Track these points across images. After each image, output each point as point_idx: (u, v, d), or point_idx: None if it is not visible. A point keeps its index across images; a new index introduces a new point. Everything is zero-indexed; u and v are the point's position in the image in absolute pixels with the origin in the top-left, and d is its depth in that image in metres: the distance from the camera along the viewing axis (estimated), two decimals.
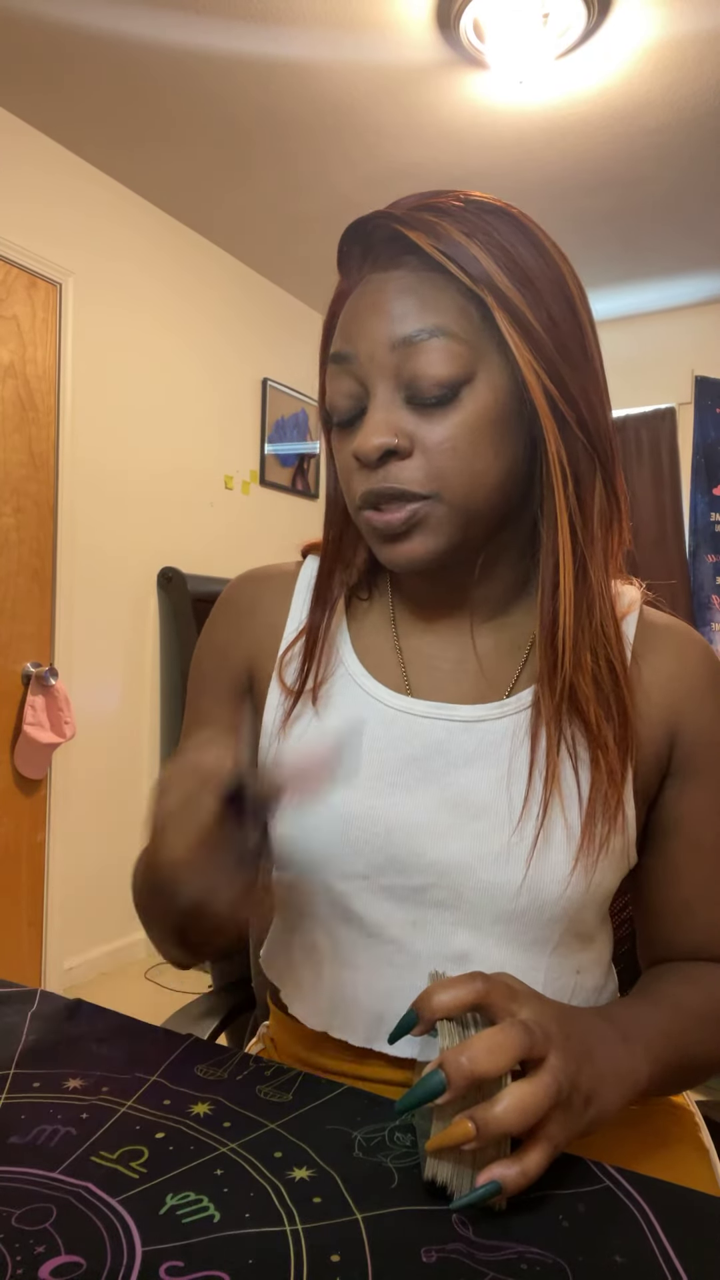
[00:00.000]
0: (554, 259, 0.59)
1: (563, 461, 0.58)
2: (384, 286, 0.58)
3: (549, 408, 0.57)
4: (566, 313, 0.58)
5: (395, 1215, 0.44)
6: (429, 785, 0.62)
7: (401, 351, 0.56)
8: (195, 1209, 0.44)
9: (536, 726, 0.61)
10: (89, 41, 2.10)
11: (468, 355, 0.56)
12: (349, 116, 2.39)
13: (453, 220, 0.57)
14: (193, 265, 3.07)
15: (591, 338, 0.61)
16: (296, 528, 3.54)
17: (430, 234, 0.56)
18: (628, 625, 0.65)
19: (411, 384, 0.56)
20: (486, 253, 0.56)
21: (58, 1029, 0.63)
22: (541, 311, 0.57)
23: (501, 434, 0.58)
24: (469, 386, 0.56)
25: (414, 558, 0.60)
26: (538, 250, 0.58)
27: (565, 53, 2.10)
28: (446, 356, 0.56)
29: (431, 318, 0.56)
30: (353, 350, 0.59)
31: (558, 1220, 0.44)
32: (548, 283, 0.58)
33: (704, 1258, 0.41)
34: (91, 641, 2.66)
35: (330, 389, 0.61)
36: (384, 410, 0.57)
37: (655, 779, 0.65)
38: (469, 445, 0.57)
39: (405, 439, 0.57)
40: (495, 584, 0.65)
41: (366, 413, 0.58)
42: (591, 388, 0.60)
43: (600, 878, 0.61)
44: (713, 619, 3.45)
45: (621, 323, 3.71)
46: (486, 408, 0.57)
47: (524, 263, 0.57)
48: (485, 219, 0.57)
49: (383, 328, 0.57)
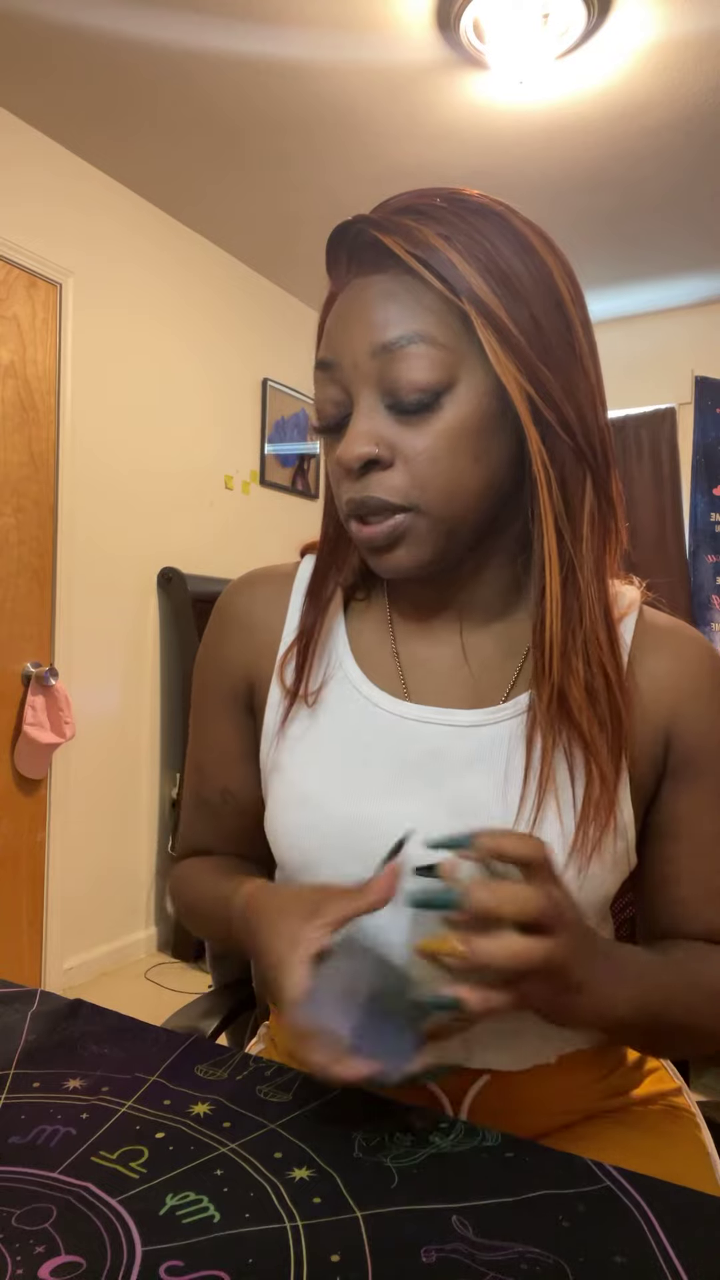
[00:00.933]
0: (541, 257, 0.58)
1: (546, 465, 0.58)
2: (364, 292, 0.58)
3: (530, 412, 0.57)
4: (553, 312, 0.58)
5: (395, 1215, 0.44)
6: (426, 790, 0.62)
7: (382, 358, 0.56)
8: (195, 1209, 0.44)
9: (532, 731, 0.61)
10: (90, 42, 2.10)
11: (449, 360, 0.56)
12: (349, 116, 2.39)
13: (433, 222, 0.56)
14: (193, 265, 3.07)
15: (582, 335, 0.60)
16: (296, 528, 3.54)
17: (406, 239, 0.55)
18: (626, 627, 0.65)
19: (392, 390, 0.56)
20: (465, 256, 0.55)
21: (58, 1029, 0.63)
22: (523, 313, 0.56)
23: (484, 441, 0.57)
24: (450, 393, 0.56)
25: (400, 567, 0.60)
26: (523, 249, 0.57)
27: (565, 53, 2.10)
28: (427, 363, 0.55)
29: (412, 323, 0.56)
30: (336, 358, 0.59)
31: (558, 1220, 0.44)
32: (533, 282, 0.57)
33: (704, 1258, 0.41)
34: (91, 641, 2.66)
35: (318, 396, 0.61)
36: (366, 419, 0.57)
37: (653, 780, 0.65)
38: (449, 455, 0.57)
39: (386, 449, 0.57)
40: (486, 588, 0.65)
41: (350, 421, 0.58)
42: (581, 387, 0.59)
43: (597, 880, 0.61)
44: (713, 619, 3.45)
45: (622, 323, 3.71)
46: (468, 415, 0.56)
47: (506, 263, 0.56)
48: (467, 219, 0.57)
49: (364, 334, 0.57)
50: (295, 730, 0.67)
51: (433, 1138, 0.51)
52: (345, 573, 0.70)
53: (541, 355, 0.57)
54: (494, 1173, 0.48)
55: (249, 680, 0.72)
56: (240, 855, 0.77)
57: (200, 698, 0.76)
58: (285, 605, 0.72)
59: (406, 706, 0.65)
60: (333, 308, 0.61)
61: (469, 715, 0.64)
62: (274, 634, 0.71)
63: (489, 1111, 0.63)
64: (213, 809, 0.76)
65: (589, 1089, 0.68)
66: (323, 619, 0.69)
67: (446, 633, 0.67)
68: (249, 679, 0.72)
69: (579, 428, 0.58)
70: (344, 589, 0.71)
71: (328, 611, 0.69)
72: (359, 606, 0.71)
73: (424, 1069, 0.48)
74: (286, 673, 0.68)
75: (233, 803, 0.75)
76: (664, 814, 0.65)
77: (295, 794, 0.66)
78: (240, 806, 0.74)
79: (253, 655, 0.72)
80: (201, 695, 0.76)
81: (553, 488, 0.58)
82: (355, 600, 0.72)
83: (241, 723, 0.73)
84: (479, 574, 0.64)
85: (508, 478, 0.60)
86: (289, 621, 0.71)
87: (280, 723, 0.68)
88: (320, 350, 0.61)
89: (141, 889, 2.87)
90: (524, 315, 0.56)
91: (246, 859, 0.77)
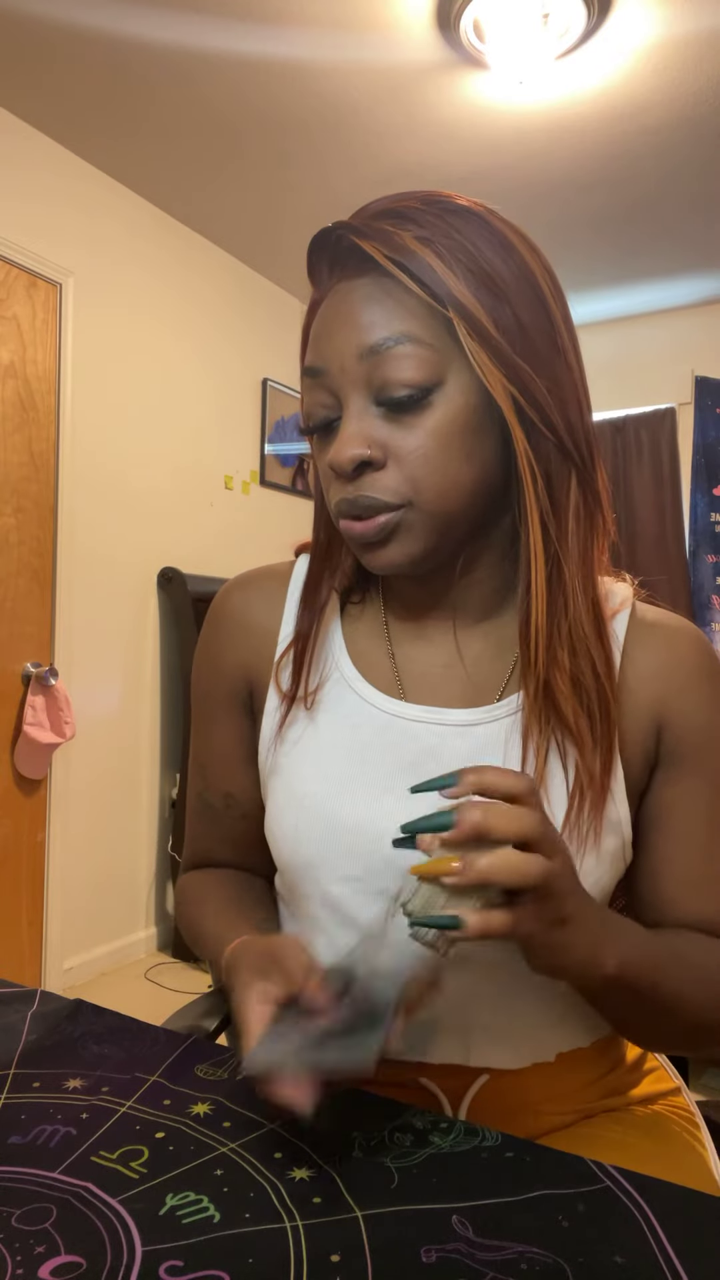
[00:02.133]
0: (523, 257, 0.58)
1: (532, 462, 0.58)
2: (349, 296, 0.58)
3: (515, 413, 0.57)
4: (536, 311, 0.58)
5: (395, 1215, 0.44)
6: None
7: (370, 361, 0.56)
8: (195, 1209, 0.44)
9: (526, 727, 0.61)
10: (90, 42, 2.10)
11: (436, 360, 0.56)
12: (349, 116, 2.39)
13: (412, 225, 0.56)
14: (193, 265, 3.07)
15: (565, 334, 0.60)
16: (297, 528, 3.54)
17: (386, 244, 0.55)
18: (619, 623, 0.65)
19: (382, 390, 0.56)
20: (445, 260, 0.55)
21: (58, 1029, 0.63)
22: (505, 313, 0.56)
23: (473, 439, 0.58)
24: (439, 391, 0.56)
25: (392, 563, 0.60)
26: (504, 250, 0.58)
27: (565, 53, 2.10)
28: (415, 363, 0.56)
29: (398, 324, 0.56)
30: (323, 364, 0.59)
31: (558, 1220, 0.44)
32: (515, 282, 0.57)
33: (704, 1258, 0.41)
34: (91, 641, 2.66)
35: (306, 400, 0.61)
36: (357, 421, 0.58)
37: (645, 774, 0.65)
38: (441, 453, 0.57)
39: (379, 449, 0.57)
40: (478, 586, 0.65)
41: (340, 423, 0.59)
42: (565, 383, 0.59)
43: (593, 878, 0.61)
44: (713, 619, 3.45)
45: (621, 323, 3.71)
46: (457, 413, 0.57)
47: (487, 264, 0.56)
48: (447, 220, 0.57)
49: (351, 338, 0.57)
50: (293, 733, 0.67)
51: (433, 1138, 0.51)
52: (339, 576, 0.70)
53: (525, 355, 0.57)
54: (494, 1173, 0.48)
55: (248, 682, 0.72)
56: (246, 865, 0.77)
57: (199, 701, 0.76)
58: (281, 606, 0.72)
59: (403, 706, 0.65)
60: (317, 314, 0.61)
61: (464, 714, 0.64)
62: (271, 635, 0.71)
63: (488, 1111, 0.63)
64: (216, 813, 0.76)
65: (588, 1088, 0.68)
66: (318, 623, 0.69)
67: (440, 633, 0.67)
68: (248, 680, 0.72)
69: (563, 425, 0.59)
70: (338, 592, 0.71)
71: (323, 615, 0.70)
72: (354, 610, 0.71)
73: (401, 1042, 0.47)
74: (283, 676, 0.69)
75: (236, 807, 0.75)
76: (651, 804, 0.65)
77: (294, 796, 0.66)
78: (243, 810, 0.75)
79: (251, 656, 0.72)
80: (201, 699, 0.76)
81: (538, 484, 0.59)
82: (351, 604, 0.72)
83: (242, 725, 0.73)
84: (471, 572, 0.64)
85: (497, 474, 0.60)
86: (285, 624, 0.71)
87: (278, 726, 0.68)
88: (307, 356, 0.61)
89: (141, 889, 2.87)
90: (507, 315, 0.56)
91: (253, 871, 0.77)
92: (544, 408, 0.58)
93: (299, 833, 0.64)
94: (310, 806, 0.64)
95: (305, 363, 0.61)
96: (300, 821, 0.65)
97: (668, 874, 0.64)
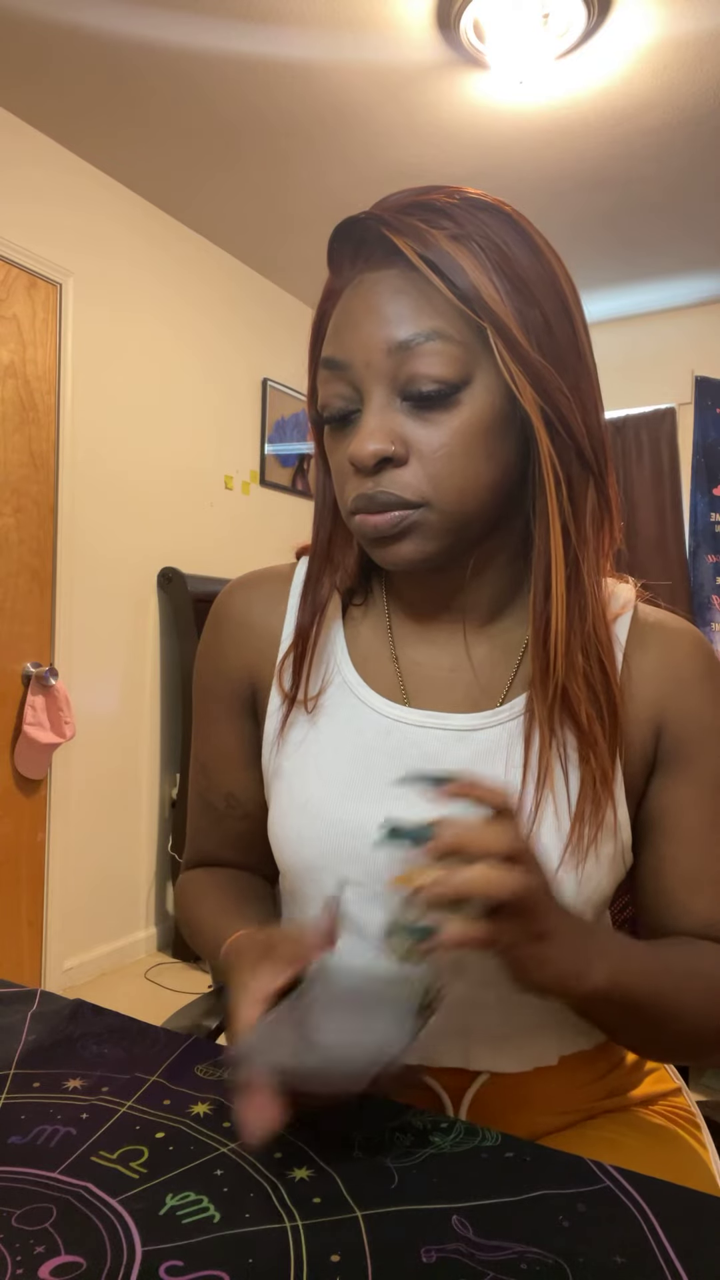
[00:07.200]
0: (548, 259, 0.58)
1: (556, 468, 0.58)
2: (377, 287, 0.57)
3: (540, 415, 0.57)
4: (561, 314, 0.58)
5: (395, 1215, 0.44)
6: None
7: (398, 356, 0.55)
8: (195, 1209, 0.44)
9: (530, 730, 0.61)
10: (90, 41, 2.10)
11: (464, 358, 0.55)
12: (349, 116, 2.39)
13: (446, 220, 0.55)
14: (193, 265, 3.07)
15: (585, 338, 0.60)
16: (297, 528, 3.54)
17: (418, 241, 0.55)
18: (621, 626, 0.65)
19: (409, 384, 0.56)
20: (477, 259, 0.55)
21: (58, 1029, 0.63)
22: (535, 314, 0.56)
23: (496, 440, 0.57)
24: (467, 389, 0.56)
25: (405, 559, 0.59)
26: (532, 251, 0.57)
27: (565, 53, 2.10)
28: (444, 360, 0.55)
29: (427, 321, 0.55)
30: (347, 356, 0.58)
31: (558, 1220, 0.44)
32: (542, 284, 0.57)
33: (704, 1258, 0.41)
34: (91, 642, 2.66)
35: (323, 392, 0.60)
36: (380, 415, 0.56)
37: (642, 776, 0.65)
38: (464, 452, 0.56)
39: (401, 445, 0.56)
40: (487, 588, 0.65)
41: (361, 416, 0.58)
42: (586, 388, 0.59)
43: (594, 882, 0.61)
44: (713, 619, 3.45)
45: (621, 323, 3.71)
46: (482, 412, 0.56)
47: (518, 264, 0.56)
48: (478, 217, 0.56)
49: (378, 331, 0.56)
50: (295, 736, 0.67)
51: (433, 1138, 0.51)
52: (340, 576, 0.69)
53: (553, 361, 0.57)
54: (494, 1173, 0.48)
55: (250, 683, 0.72)
56: (247, 865, 0.77)
57: (201, 701, 0.75)
58: (283, 608, 0.72)
59: (405, 711, 0.65)
60: (339, 303, 0.60)
61: (468, 719, 0.64)
62: (273, 637, 0.71)
63: (489, 1111, 0.63)
64: (218, 814, 0.76)
65: (589, 1089, 0.68)
66: (319, 625, 0.68)
67: (446, 636, 0.67)
68: (250, 681, 0.72)
69: (584, 431, 0.59)
70: (340, 593, 0.70)
71: (324, 617, 0.69)
72: (356, 612, 0.71)
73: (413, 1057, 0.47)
74: (285, 678, 0.68)
75: (237, 807, 0.75)
76: (652, 806, 0.65)
77: (296, 800, 0.65)
78: (245, 811, 0.74)
79: (253, 657, 0.71)
80: (202, 699, 0.75)
81: (560, 487, 0.58)
82: (353, 605, 0.71)
83: (243, 726, 0.73)
84: (480, 575, 0.64)
85: (515, 476, 0.60)
86: (287, 626, 0.71)
87: (280, 728, 0.68)
88: (327, 347, 0.60)
89: (141, 889, 2.87)
90: (536, 319, 0.56)
91: (253, 870, 0.77)
92: (567, 414, 0.57)
93: (301, 837, 0.64)
94: (313, 811, 0.64)
95: (325, 353, 0.60)
96: (303, 825, 0.64)
97: (671, 875, 0.64)
